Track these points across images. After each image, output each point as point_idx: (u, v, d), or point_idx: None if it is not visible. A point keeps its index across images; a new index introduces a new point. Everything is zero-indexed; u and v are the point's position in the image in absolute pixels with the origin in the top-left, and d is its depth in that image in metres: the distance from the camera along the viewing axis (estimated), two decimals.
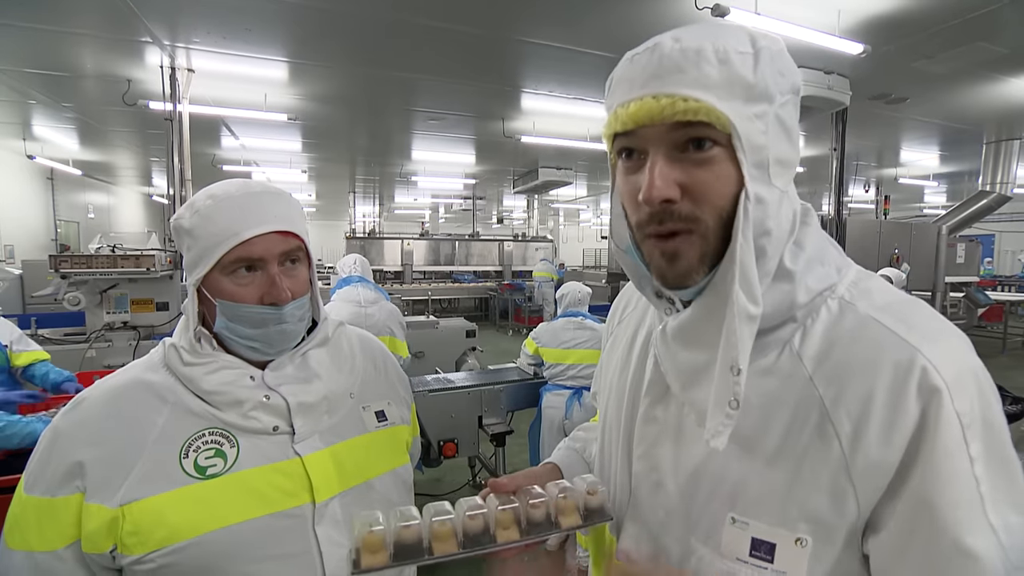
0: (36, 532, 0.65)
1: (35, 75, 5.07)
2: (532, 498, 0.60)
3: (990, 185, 7.23)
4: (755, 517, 0.51)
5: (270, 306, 0.72)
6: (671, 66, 0.48)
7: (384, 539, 0.56)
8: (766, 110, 0.49)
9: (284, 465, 0.72)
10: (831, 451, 0.48)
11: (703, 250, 0.50)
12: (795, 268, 0.52)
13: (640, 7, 3.68)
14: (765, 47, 0.49)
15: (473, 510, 0.59)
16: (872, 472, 0.46)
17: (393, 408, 0.88)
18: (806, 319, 0.52)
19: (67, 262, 3.27)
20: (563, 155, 8.64)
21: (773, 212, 0.50)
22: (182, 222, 0.72)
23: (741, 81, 0.48)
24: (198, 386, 0.71)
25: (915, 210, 16.31)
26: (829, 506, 0.48)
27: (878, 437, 0.46)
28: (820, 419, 0.49)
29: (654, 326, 0.61)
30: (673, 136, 0.49)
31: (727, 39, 0.48)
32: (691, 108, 0.47)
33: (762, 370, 0.53)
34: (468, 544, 0.57)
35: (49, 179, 9.61)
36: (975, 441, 0.44)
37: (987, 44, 4.22)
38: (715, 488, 0.54)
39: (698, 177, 0.49)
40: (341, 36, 4.20)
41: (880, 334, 0.49)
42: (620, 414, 0.65)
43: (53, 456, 0.67)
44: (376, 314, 2.79)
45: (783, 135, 0.50)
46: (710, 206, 0.49)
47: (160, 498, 0.65)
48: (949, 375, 0.45)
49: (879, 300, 0.52)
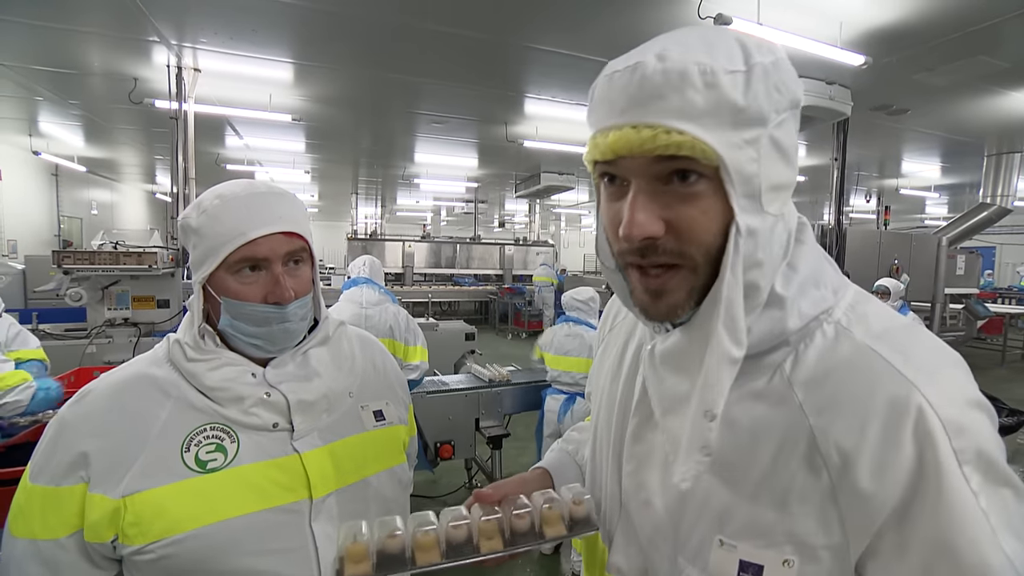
0: (40, 520, 0.66)
1: (42, 72, 5.11)
2: (517, 508, 0.61)
3: (991, 197, 7.24)
4: (742, 540, 0.50)
5: (273, 305, 0.73)
6: (653, 91, 0.44)
7: (368, 549, 0.57)
8: (759, 134, 0.46)
9: (283, 461, 0.74)
10: (819, 481, 0.47)
11: (691, 285, 0.49)
12: (787, 294, 0.50)
13: (644, 15, 3.71)
14: (759, 63, 0.45)
15: (456, 520, 0.59)
16: (862, 502, 0.45)
17: (391, 408, 0.89)
18: (799, 343, 0.51)
19: (70, 258, 3.28)
20: (565, 160, 8.66)
21: (765, 241, 0.47)
22: (189, 221, 0.74)
23: (730, 106, 0.44)
24: (201, 382, 0.73)
25: (917, 221, 16.32)
26: (815, 530, 0.47)
27: (870, 472, 0.45)
28: (809, 449, 0.48)
29: (644, 340, 0.61)
30: (656, 168, 0.46)
31: (716, 55, 0.44)
32: (674, 142, 0.44)
33: (752, 394, 0.51)
34: (451, 554, 0.58)
35: (54, 175, 9.64)
36: (974, 475, 0.44)
37: (988, 58, 4.25)
38: (702, 511, 0.53)
39: (683, 213, 0.46)
40: (347, 39, 4.23)
41: (876, 365, 0.47)
42: (610, 426, 0.65)
43: (59, 446, 0.68)
44: (376, 316, 2.80)
45: (778, 158, 0.47)
46: (696, 243, 0.47)
47: (161, 490, 0.67)
48: (947, 416, 0.44)
49: (876, 327, 0.50)
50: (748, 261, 0.46)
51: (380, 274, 3.03)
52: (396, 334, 2.81)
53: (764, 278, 0.48)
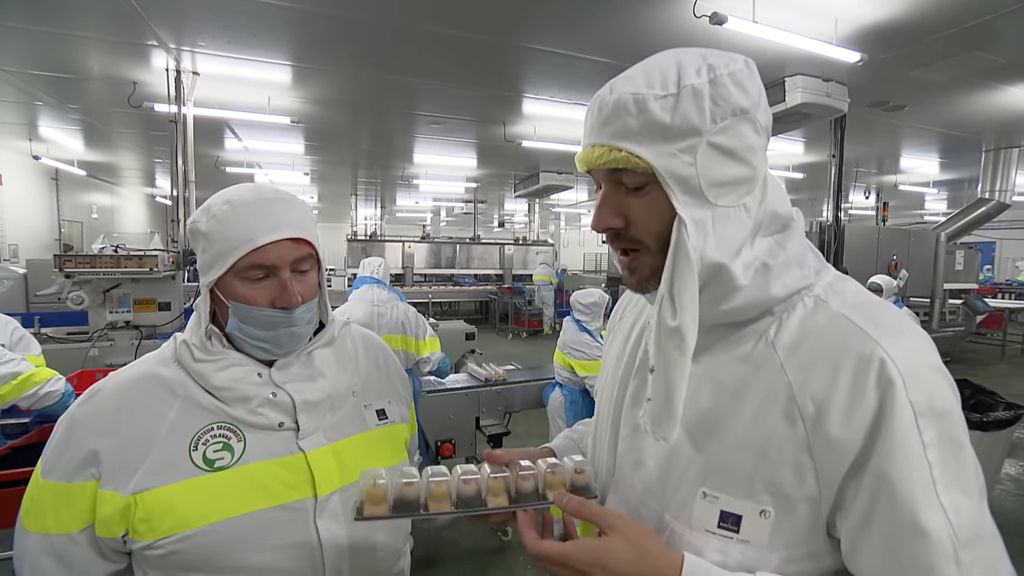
0: (52, 515, 0.68)
1: (42, 76, 5.13)
2: (523, 470, 0.65)
3: (989, 193, 7.26)
4: (724, 491, 0.55)
5: (281, 309, 0.75)
6: (603, 118, 0.56)
7: (386, 493, 0.61)
8: (694, 143, 0.54)
9: (288, 460, 0.75)
10: (795, 431, 0.52)
11: (653, 265, 0.59)
12: (772, 262, 0.57)
13: (640, 15, 3.72)
14: (688, 86, 0.53)
15: (468, 475, 0.64)
16: (832, 450, 0.51)
17: (394, 407, 0.91)
18: (783, 313, 0.57)
19: (71, 262, 3.30)
20: (564, 160, 8.68)
21: (716, 228, 0.55)
22: (199, 226, 0.75)
23: (659, 126, 0.53)
24: (208, 382, 0.74)
25: (916, 217, 16.33)
26: (791, 480, 0.52)
27: (839, 420, 0.50)
28: (787, 402, 0.53)
29: (650, 318, 0.65)
30: (612, 176, 0.58)
31: (652, 83, 0.54)
32: (615, 158, 0.55)
33: (739, 358, 0.58)
34: (460, 505, 0.62)
35: (54, 179, 9.67)
36: (928, 429, 0.49)
37: (984, 53, 4.26)
38: (689, 466, 0.58)
39: (636, 209, 0.57)
40: (345, 41, 4.25)
41: (848, 329, 0.53)
42: (611, 399, 0.70)
43: (70, 444, 0.70)
44: (388, 313, 2.85)
45: (722, 158, 0.54)
46: (648, 232, 0.57)
47: (170, 488, 0.68)
48: (905, 368, 0.50)
49: (851, 300, 0.57)
50: (700, 246, 0.54)
51: (388, 275, 3.09)
52: (407, 330, 2.86)
53: (724, 256, 0.55)
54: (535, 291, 10.32)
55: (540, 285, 10.27)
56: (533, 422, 3.84)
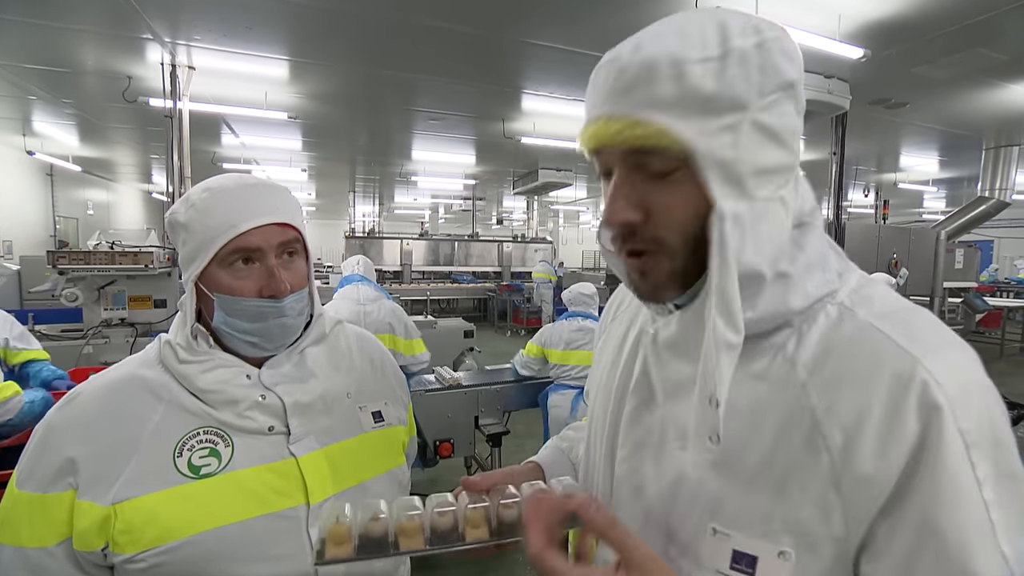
0: (27, 528, 0.64)
1: (35, 71, 5.07)
2: (505, 498, 0.59)
3: (989, 191, 7.23)
4: (737, 528, 0.48)
5: (269, 299, 0.71)
6: (625, 83, 0.45)
7: (350, 531, 0.55)
8: (738, 119, 0.45)
9: (279, 466, 0.72)
10: (820, 463, 0.45)
11: (671, 268, 0.49)
12: (791, 270, 0.49)
13: (642, 10, 3.68)
14: (736, 48, 0.44)
15: (442, 507, 0.58)
16: (863, 487, 0.43)
17: (390, 408, 0.87)
18: (802, 324, 0.49)
19: (65, 258, 3.25)
20: (563, 157, 8.64)
21: (754, 226, 0.46)
22: (177, 216, 0.72)
23: (699, 95, 0.44)
24: (193, 384, 0.71)
25: (915, 215, 16.33)
26: (815, 519, 0.45)
27: (872, 452, 0.43)
28: (811, 430, 0.46)
29: (645, 325, 0.60)
30: (632, 159, 0.47)
31: (690, 44, 0.44)
32: (642, 134, 0.44)
33: (753, 375, 0.50)
34: (435, 541, 0.56)
35: (48, 175, 9.59)
36: (982, 462, 0.41)
37: (987, 50, 4.23)
38: (696, 497, 0.51)
39: (659, 200, 0.47)
40: (342, 35, 4.20)
41: (879, 342, 0.46)
42: (606, 414, 0.64)
43: (46, 452, 0.66)
44: (375, 312, 2.80)
45: (765, 141, 0.46)
46: (673, 229, 0.47)
47: (153, 497, 0.65)
48: (952, 390, 0.42)
49: (880, 307, 0.49)
50: (738, 245, 0.45)
51: (372, 272, 3.05)
52: (395, 329, 2.82)
53: (764, 263, 0.47)
54: (534, 288, 10.30)
55: (539, 283, 10.24)
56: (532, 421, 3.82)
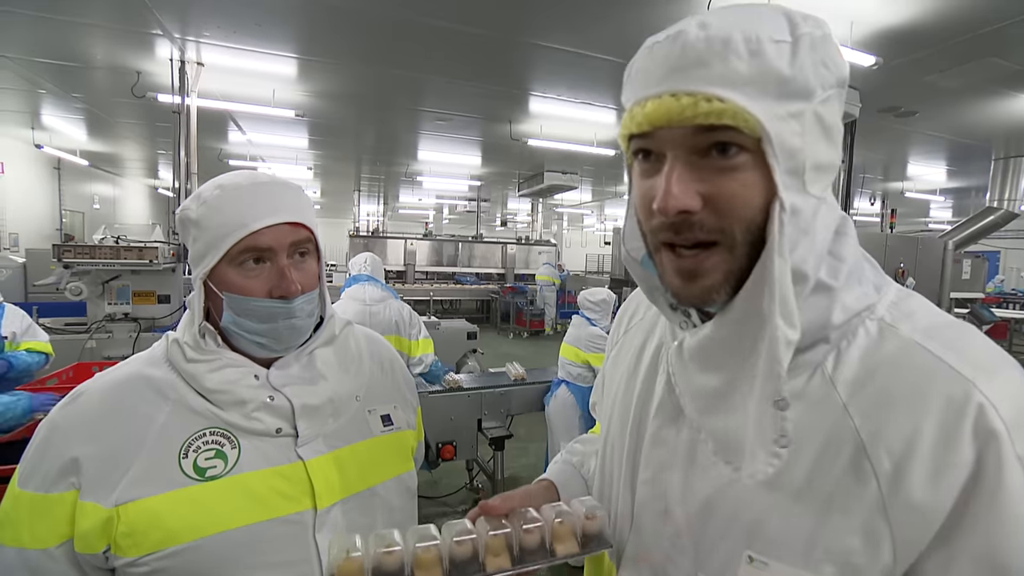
0: (28, 529, 0.63)
1: (45, 64, 5.07)
2: (526, 523, 0.56)
3: (997, 201, 7.18)
4: (775, 557, 0.46)
5: (279, 299, 0.70)
6: (694, 58, 0.43)
7: (363, 565, 0.52)
8: (803, 108, 0.43)
9: (286, 469, 0.70)
10: (867, 490, 0.43)
11: (729, 267, 0.45)
12: (835, 283, 0.47)
13: (652, 13, 3.66)
14: (806, 34, 0.43)
15: (461, 535, 0.55)
16: (914, 516, 0.41)
17: (400, 412, 0.86)
18: (840, 341, 0.47)
19: (70, 252, 3.26)
20: (569, 159, 8.62)
21: (808, 223, 0.45)
22: (188, 213, 0.70)
23: (775, 76, 0.42)
24: (200, 384, 0.69)
25: (920, 224, 16.26)
26: (860, 548, 0.43)
27: (924, 479, 0.41)
28: (855, 453, 0.44)
29: (665, 339, 0.57)
30: (695, 140, 0.44)
31: (761, 24, 0.42)
32: (715, 110, 0.41)
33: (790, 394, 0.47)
34: (455, 572, 0.54)
35: (56, 169, 9.62)
36: None
37: (999, 60, 4.20)
38: (731, 521, 0.49)
39: (722, 187, 0.43)
40: (351, 34, 4.20)
41: (928, 362, 0.44)
42: (624, 434, 0.61)
43: (49, 451, 0.65)
44: (381, 312, 2.77)
45: (822, 136, 0.45)
46: (736, 218, 0.44)
47: (157, 499, 0.63)
48: (1009, 415, 0.41)
49: (924, 323, 0.47)
50: (792, 243, 0.43)
51: (381, 271, 3.01)
52: (401, 330, 2.79)
53: (809, 264, 0.45)
54: (537, 291, 10.27)
55: (542, 285, 10.23)
56: (534, 425, 3.80)
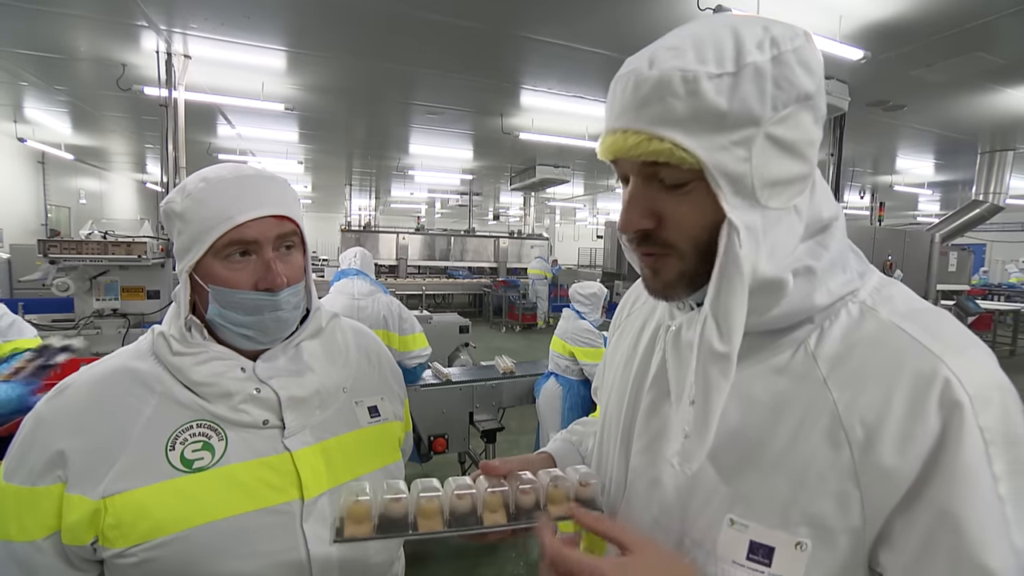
0: (15, 521, 0.63)
1: (28, 56, 4.98)
2: (523, 483, 0.59)
3: (983, 195, 7.28)
4: (755, 519, 0.49)
5: (265, 292, 0.70)
6: (641, 99, 0.47)
7: (370, 510, 0.55)
8: (751, 134, 0.46)
9: (273, 460, 0.71)
10: (840, 456, 0.47)
11: (680, 270, 0.51)
12: (817, 265, 0.50)
13: (643, 6, 3.66)
14: (750, 64, 0.45)
15: (462, 489, 0.58)
16: (883, 480, 0.45)
17: (387, 403, 0.86)
18: (824, 321, 0.51)
19: (56, 247, 3.21)
20: (561, 153, 8.62)
21: (766, 236, 0.48)
22: (173, 206, 0.70)
23: (712, 111, 0.45)
24: (187, 376, 0.69)
25: (909, 218, 16.43)
26: (833, 511, 0.47)
27: (893, 446, 0.45)
28: (831, 423, 0.47)
29: (663, 320, 0.61)
30: (647, 170, 0.49)
31: (705, 58, 0.45)
32: (654, 150, 0.46)
33: (774, 369, 0.52)
34: (454, 523, 0.57)
35: (40, 163, 9.47)
36: (998, 459, 0.43)
37: (985, 54, 4.25)
38: (715, 489, 0.52)
39: (673, 209, 0.49)
40: (341, 27, 4.16)
41: (902, 341, 0.47)
42: (621, 407, 0.64)
43: (34, 444, 0.65)
44: (369, 307, 2.77)
45: (779, 153, 0.47)
46: (686, 237, 0.50)
47: (144, 491, 0.64)
48: (973, 389, 0.44)
49: (902, 307, 0.51)
50: (753, 256, 0.47)
51: (371, 265, 3.00)
52: (390, 324, 2.79)
53: (779, 268, 0.48)
54: (529, 285, 10.28)
55: (535, 279, 10.24)
56: (525, 418, 3.82)
